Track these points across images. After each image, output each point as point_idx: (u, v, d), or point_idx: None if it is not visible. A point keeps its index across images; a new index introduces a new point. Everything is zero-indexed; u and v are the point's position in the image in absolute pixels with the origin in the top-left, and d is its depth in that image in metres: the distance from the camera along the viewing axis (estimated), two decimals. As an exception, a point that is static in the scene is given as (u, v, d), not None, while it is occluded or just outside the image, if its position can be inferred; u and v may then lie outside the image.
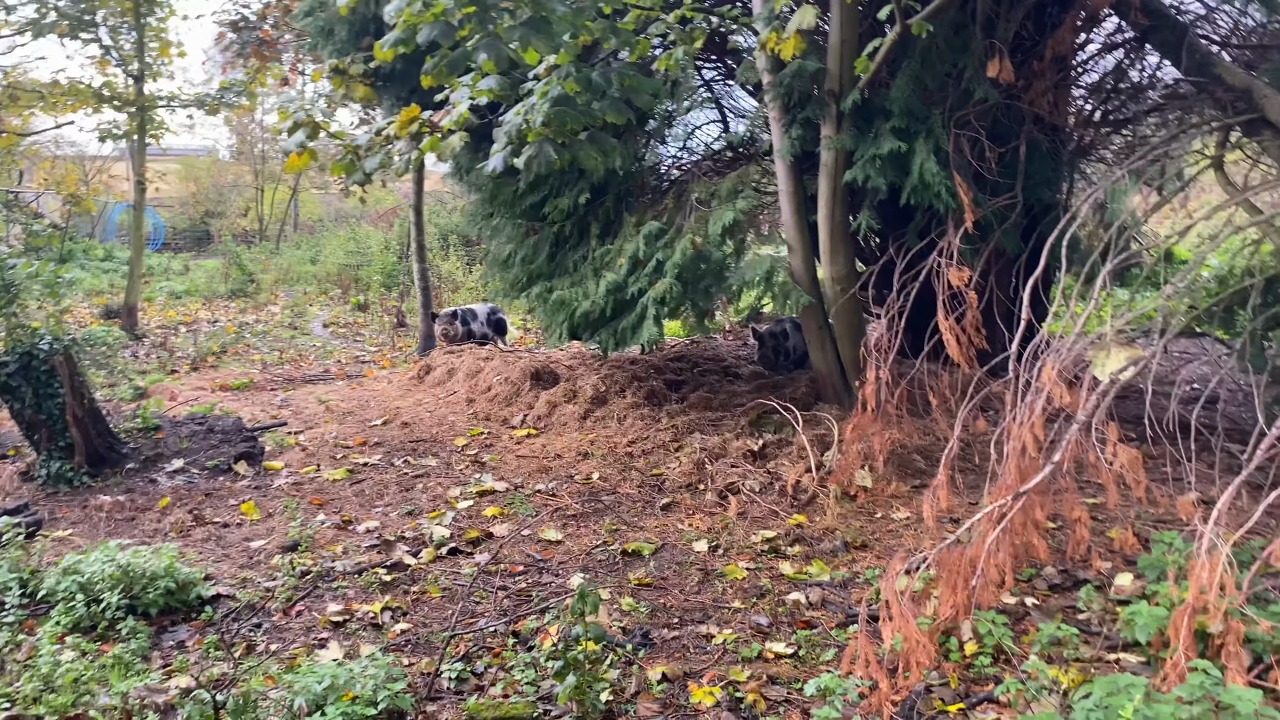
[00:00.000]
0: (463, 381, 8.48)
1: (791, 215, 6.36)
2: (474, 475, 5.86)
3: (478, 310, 10.71)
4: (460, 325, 10.25)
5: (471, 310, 10.62)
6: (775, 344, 8.02)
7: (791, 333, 7.94)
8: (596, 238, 7.48)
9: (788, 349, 7.99)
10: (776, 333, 8.04)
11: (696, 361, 9.04)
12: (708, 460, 5.79)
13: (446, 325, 10.19)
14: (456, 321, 10.25)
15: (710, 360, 9.20)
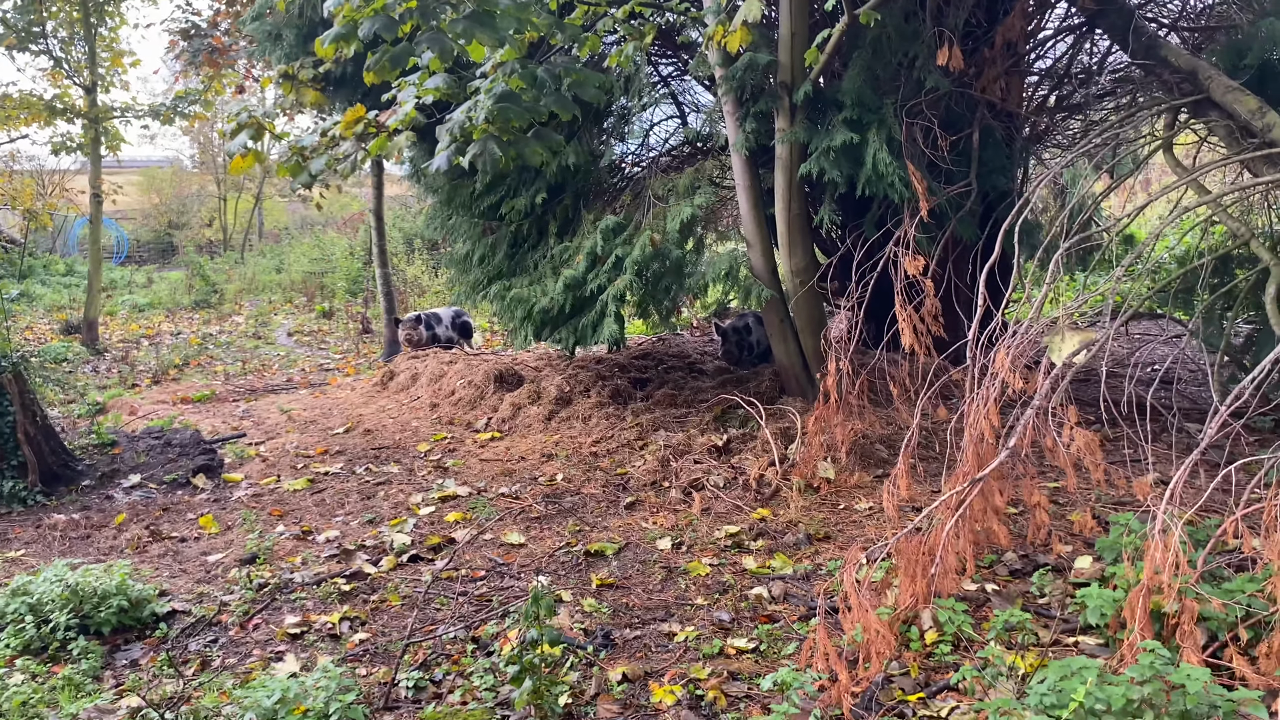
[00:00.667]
0: (426, 386, 8.39)
1: (749, 210, 6.35)
2: (436, 481, 5.80)
3: (442, 314, 10.64)
4: (424, 330, 10.18)
5: (436, 314, 10.55)
6: (739, 339, 8.01)
7: (754, 327, 7.94)
8: (555, 236, 7.44)
9: (751, 343, 7.98)
10: (739, 327, 8.03)
11: (662, 359, 9.01)
12: (672, 457, 5.76)
13: (410, 330, 10.11)
14: (420, 326, 10.17)
15: (675, 357, 9.17)
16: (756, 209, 6.33)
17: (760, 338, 7.95)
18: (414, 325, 10.16)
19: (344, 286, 17.38)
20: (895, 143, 5.48)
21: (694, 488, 5.32)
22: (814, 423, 5.14)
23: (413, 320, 10.20)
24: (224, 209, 26.50)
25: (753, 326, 8.01)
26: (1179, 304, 6.05)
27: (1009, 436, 3.74)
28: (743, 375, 7.37)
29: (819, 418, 5.12)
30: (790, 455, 5.40)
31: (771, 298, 6.21)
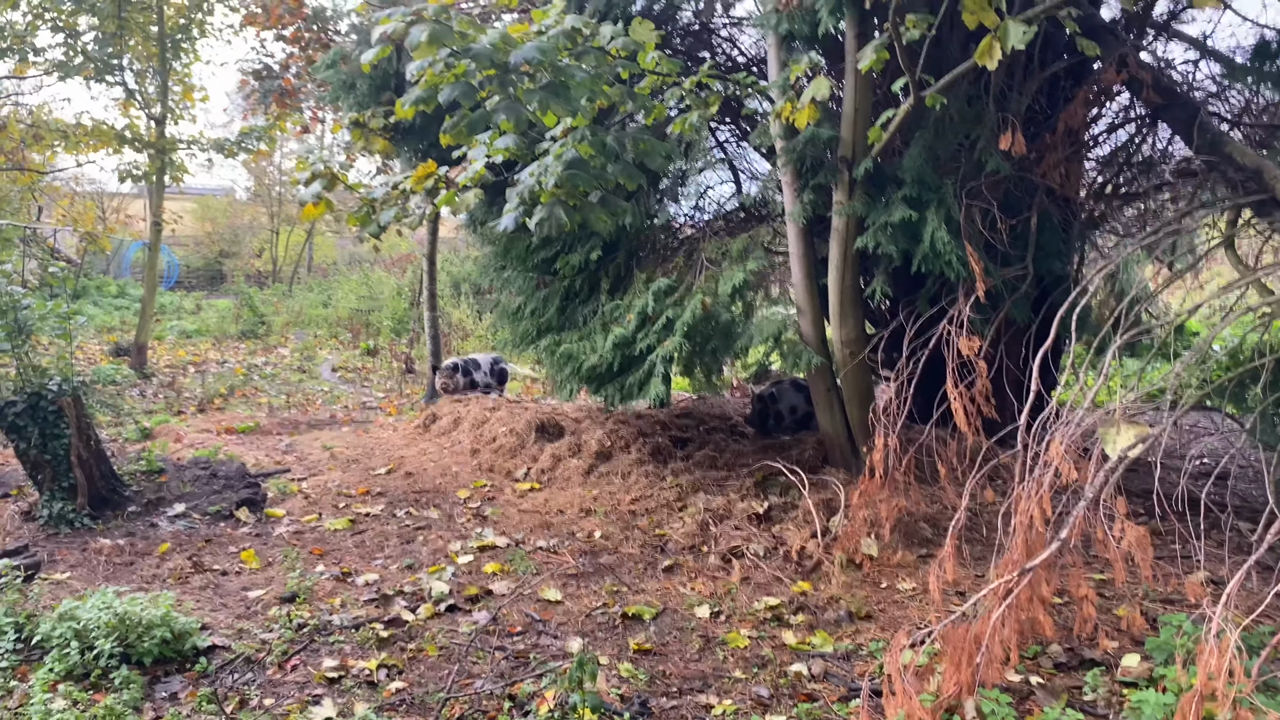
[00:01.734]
0: (468, 432, 8.50)
1: (802, 278, 6.42)
2: (475, 529, 5.85)
3: (480, 360, 10.79)
4: (461, 376, 10.32)
5: (474, 360, 10.70)
6: (762, 406, 8.06)
7: (785, 395, 8.00)
8: (607, 293, 7.55)
9: (778, 411, 8.02)
10: (765, 395, 8.09)
11: (703, 419, 9.03)
12: (712, 521, 5.77)
13: (446, 379, 10.26)
14: (457, 374, 10.32)
15: (717, 418, 9.19)
16: (809, 278, 6.40)
17: (793, 405, 7.99)
18: (450, 374, 10.29)
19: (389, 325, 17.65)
20: (954, 222, 5.53)
21: (734, 555, 5.31)
22: (858, 496, 5.13)
23: (449, 369, 10.33)
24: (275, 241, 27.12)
25: (782, 394, 8.05)
26: (1231, 398, 6.00)
27: (1059, 526, 3.72)
28: (785, 442, 7.39)
29: (863, 492, 5.11)
30: (833, 528, 5.38)
31: (820, 365, 6.25)
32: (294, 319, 19.47)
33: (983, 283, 5.23)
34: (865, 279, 6.70)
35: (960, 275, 5.46)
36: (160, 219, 13.20)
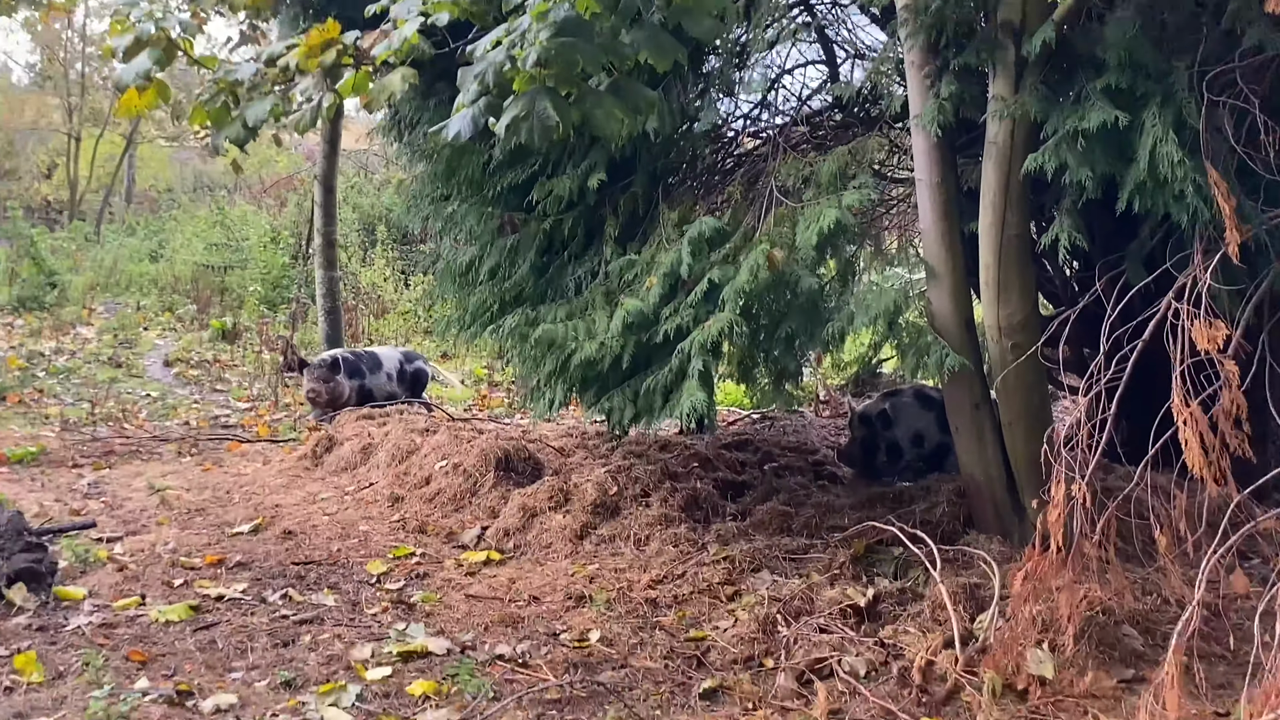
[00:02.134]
0: (386, 468, 8.61)
1: (936, 220, 6.44)
2: (396, 625, 5.87)
3: (383, 356, 10.85)
4: (345, 380, 10.38)
5: (372, 356, 10.79)
6: (867, 433, 8.07)
7: (904, 414, 8.02)
8: (613, 242, 7.66)
9: (892, 441, 8.05)
10: (871, 415, 8.11)
11: (769, 451, 9.07)
12: (781, 619, 5.78)
13: (317, 384, 10.36)
14: (339, 376, 10.39)
15: (792, 450, 9.23)
16: (948, 219, 6.42)
17: (917, 432, 7.99)
18: (324, 376, 10.39)
19: (259, 292, 17.76)
20: (1187, 131, 5.49)
21: (816, 674, 5.31)
22: (1022, 581, 5.12)
23: (323, 368, 10.44)
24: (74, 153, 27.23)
25: (899, 414, 8.07)
26: None
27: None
28: (903, 491, 7.48)
29: (1031, 574, 5.10)
30: (979, 633, 5.38)
31: (962, 368, 6.23)
32: (104, 279, 19.64)
33: (1235, 231, 5.18)
34: (1039, 225, 6.63)
35: (1198, 217, 5.41)
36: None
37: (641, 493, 7.55)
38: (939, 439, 7.80)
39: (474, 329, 8.29)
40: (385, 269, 18.90)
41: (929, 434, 7.95)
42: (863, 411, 8.19)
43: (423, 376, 11.29)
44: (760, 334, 6.84)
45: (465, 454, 8.32)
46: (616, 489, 7.56)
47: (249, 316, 17.22)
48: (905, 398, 8.11)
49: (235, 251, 19.76)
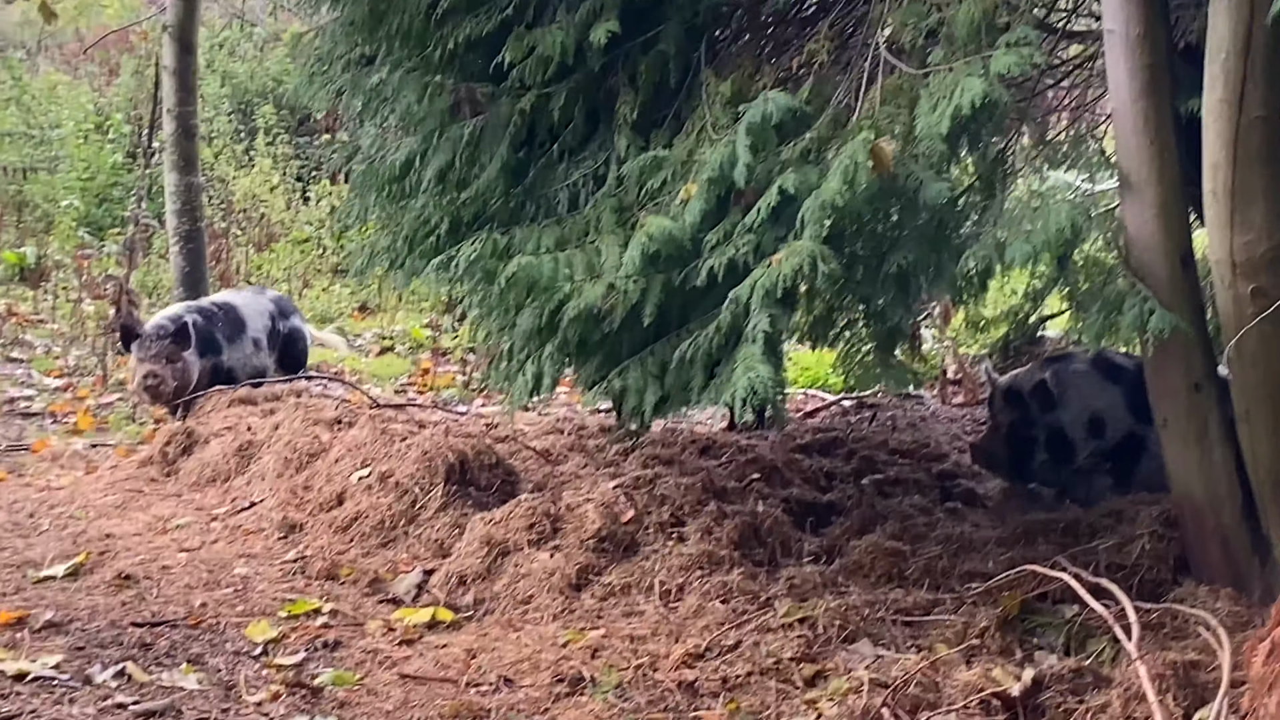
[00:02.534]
0: (275, 479, 8.63)
1: (1134, 96, 6.42)
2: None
3: (246, 312, 10.68)
4: (195, 357, 10.18)
5: (229, 312, 10.57)
6: (1017, 416, 7.94)
7: (1073, 389, 7.88)
8: (629, 131, 7.63)
9: (1054, 429, 7.91)
10: (1024, 390, 7.97)
11: (870, 457, 9.06)
12: (890, 714, 5.78)
13: (158, 365, 10.17)
14: (187, 352, 10.13)
15: (906, 455, 9.22)
16: (1153, 94, 6.39)
17: (1095, 416, 7.86)
18: (170, 351, 10.08)
19: (77, 209, 17.76)
20: None
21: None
22: (1266, 657, 5.13)
23: (166, 339, 10.13)
24: None
25: (1063, 387, 7.91)
26: None
27: None
28: (1079, 519, 7.48)
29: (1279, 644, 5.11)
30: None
31: (1174, 330, 6.23)
32: None
33: None
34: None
35: None
36: None
37: (672, 520, 7.50)
38: (1130, 427, 7.71)
39: (411, 264, 8.15)
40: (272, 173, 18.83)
41: (1114, 419, 7.78)
42: (1010, 385, 7.99)
43: (300, 339, 11.38)
44: (858, 272, 6.76)
45: (398, 459, 8.27)
46: (633, 514, 7.52)
47: (62, 246, 17.18)
48: (1077, 364, 7.90)
49: (40, 145, 19.75)
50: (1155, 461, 7.00)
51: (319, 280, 16.99)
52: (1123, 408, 7.64)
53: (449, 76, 7.86)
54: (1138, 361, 7.25)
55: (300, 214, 17.94)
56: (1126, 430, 7.54)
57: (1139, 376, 6.94)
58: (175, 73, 11.95)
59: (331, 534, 7.91)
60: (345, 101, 8.45)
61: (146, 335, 10.25)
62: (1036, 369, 8.02)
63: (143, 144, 17.95)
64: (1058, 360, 8.04)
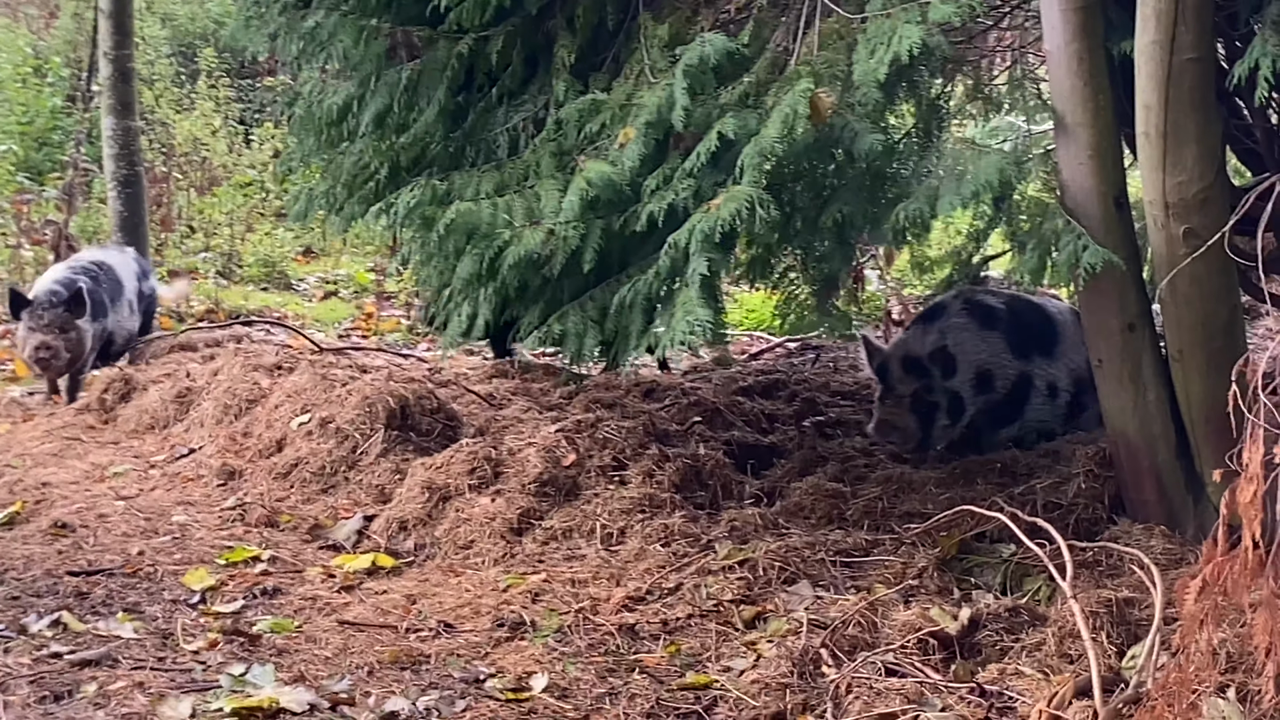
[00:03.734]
0: (214, 425, 8.69)
1: (1069, 38, 6.46)
2: (230, 668, 5.89)
3: (120, 271, 10.43)
4: (88, 325, 9.99)
5: (108, 273, 10.30)
6: (921, 385, 7.86)
7: (959, 350, 7.75)
8: (568, 74, 7.68)
9: (953, 394, 7.81)
10: (924, 355, 7.83)
11: (812, 399, 9.09)
12: (829, 654, 5.81)
13: (50, 335, 9.81)
14: (82, 320, 9.93)
15: (848, 397, 9.23)
16: (1087, 36, 6.43)
17: (981, 372, 7.74)
18: (62, 320, 9.86)
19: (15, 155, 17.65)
20: None
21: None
22: (1198, 595, 5.16)
23: (58, 306, 9.89)
24: None
25: (960, 350, 7.78)
26: None
27: None
28: (1016, 459, 7.58)
29: (1212, 583, 5.13)
30: (1131, 673, 5.42)
31: (1107, 266, 6.25)
32: None
33: None
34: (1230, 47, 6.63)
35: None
36: None
37: (614, 463, 7.53)
38: (1016, 371, 7.79)
39: (350, 209, 8.19)
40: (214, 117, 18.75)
41: (1001, 368, 7.77)
42: (906, 353, 7.81)
43: (155, 302, 11.31)
44: (796, 219, 6.77)
45: (339, 404, 8.31)
46: (575, 457, 7.53)
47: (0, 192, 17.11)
48: (955, 318, 7.72)
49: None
50: (1040, 398, 7.05)
51: (262, 225, 16.92)
52: (1007, 353, 7.55)
53: (385, 20, 7.88)
54: (1008, 299, 7.23)
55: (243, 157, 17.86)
56: (1014, 376, 7.46)
57: (1013, 314, 6.93)
58: (111, 15, 11.88)
59: (271, 480, 7.95)
60: (282, 45, 8.38)
61: (38, 302, 9.88)
62: (924, 329, 7.78)
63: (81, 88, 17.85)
64: (934, 316, 7.81)
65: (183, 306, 13.70)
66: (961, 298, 7.51)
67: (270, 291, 14.71)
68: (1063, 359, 7.48)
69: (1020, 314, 7.40)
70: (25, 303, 9.82)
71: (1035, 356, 7.18)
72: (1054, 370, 7.32)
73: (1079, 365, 7.48)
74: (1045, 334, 7.38)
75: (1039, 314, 7.31)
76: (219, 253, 16.06)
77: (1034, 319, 7.33)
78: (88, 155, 16.05)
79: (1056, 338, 7.43)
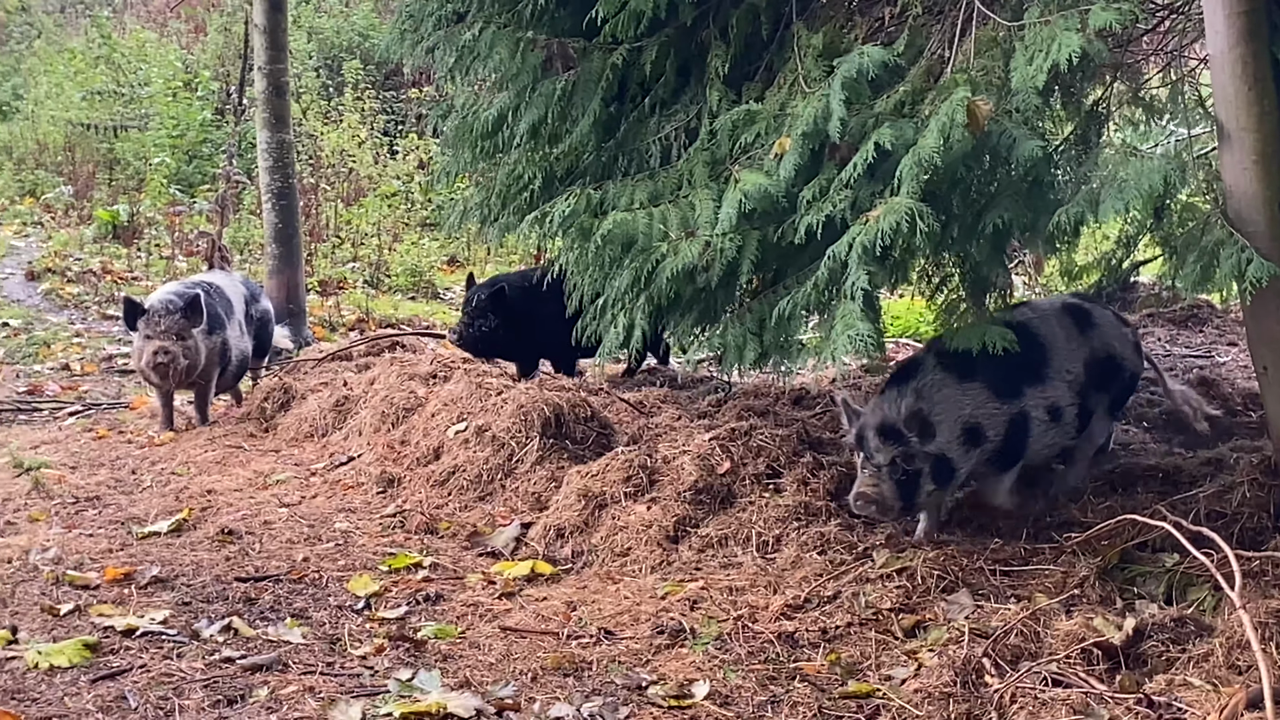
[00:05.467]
0: (372, 434, 8.79)
1: (1233, 41, 6.36)
2: (396, 673, 5.92)
3: (229, 291, 10.50)
4: (204, 336, 9.85)
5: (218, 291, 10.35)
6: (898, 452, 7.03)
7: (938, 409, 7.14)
8: (721, 84, 7.70)
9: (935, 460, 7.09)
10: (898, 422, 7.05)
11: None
12: (990, 664, 5.78)
13: (169, 341, 9.64)
14: (197, 329, 9.78)
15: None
16: (1253, 39, 6.34)
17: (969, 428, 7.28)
18: (180, 326, 9.72)
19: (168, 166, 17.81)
20: None
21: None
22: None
23: (175, 313, 9.77)
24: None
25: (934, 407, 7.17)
26: None
27: None
28: (1179, 468, 7.49)
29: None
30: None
31: (1273, 275, 6.18)
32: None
33: None
34: None
35: None
36: None
37: (768, 470, 7.52)
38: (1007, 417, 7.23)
39: (505, 218, 8.29)
40: (360, 128, 18.87)
41: (989, 418, 7.20)
42: (882, 421, 7.12)
43: (270, 322, 11.17)
44: (953, 227, 6.76)
45: (494, 413, 8.37)
46: (729, 465, 7.51)
47: (153, 203, 17.23)
48: (929, 375, 7.20)
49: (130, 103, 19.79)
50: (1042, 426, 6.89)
51: (408, 234, 17.01)
52: (994, 400, 7.15)
53: (540, 32, 7.95)
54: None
55: (388, 168, 17.97)
56: (1007, 420, 7.12)
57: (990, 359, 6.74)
58: (265, 30, 12.00)
59: (429, 488, 8.04)
60: (437, 58, 8.47)
61: (154, 310, 9.75)
62: (896, 394, 7.31)
63: (232, 101, 18.02)
64: (909, 376, 7.36)
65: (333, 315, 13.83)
66: (934, 351, 7.13)
67: (418, 300, 14.77)
68: (1058, 376, 7.11)
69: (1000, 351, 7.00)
70: (141, 311, 9.75)
71: (1026, 389, 6.87)
72: (1051, 393, 6.97)
73: (1077, 371, 7.32)
74: (1033, 361, 6.97)
75: (1022, 342, 6.92)
76: (367, 262, 16.19)
77: (1018, 349, 6.96)
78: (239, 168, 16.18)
79: (1046, 358, 7.07)
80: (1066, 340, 7.20)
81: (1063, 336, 7.13)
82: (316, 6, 21.54)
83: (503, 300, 10.02)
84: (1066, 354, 7.07)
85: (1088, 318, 7.23)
